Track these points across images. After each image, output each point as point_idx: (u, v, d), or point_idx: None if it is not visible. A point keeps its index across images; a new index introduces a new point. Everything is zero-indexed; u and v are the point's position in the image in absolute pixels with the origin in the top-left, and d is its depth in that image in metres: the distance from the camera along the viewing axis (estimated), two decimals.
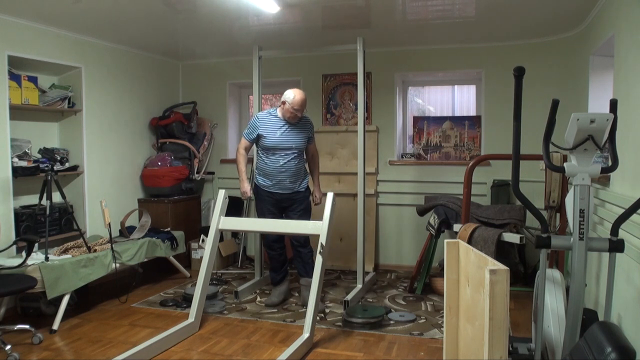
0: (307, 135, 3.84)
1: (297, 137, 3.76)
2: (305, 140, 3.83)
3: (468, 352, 2.21)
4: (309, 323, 3.12)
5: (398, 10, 3.83)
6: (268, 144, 3.71)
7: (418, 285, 4.28)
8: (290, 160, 3.75)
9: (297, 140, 3.76)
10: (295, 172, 3.80)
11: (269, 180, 3.79)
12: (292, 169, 3.77)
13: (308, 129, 3.85)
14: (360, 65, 4.15)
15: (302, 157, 3.87)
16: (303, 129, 3.80)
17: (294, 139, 3.75)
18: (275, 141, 3.71)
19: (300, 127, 3.79)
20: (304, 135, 3.81)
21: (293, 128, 3.75)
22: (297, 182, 3.83)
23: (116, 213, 4.69)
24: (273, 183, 3.79)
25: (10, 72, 3.77)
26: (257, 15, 3.89)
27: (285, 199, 3.84)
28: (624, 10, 2.81)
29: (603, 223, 2.96)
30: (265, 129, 3.72)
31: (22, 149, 3.95)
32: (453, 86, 5.41)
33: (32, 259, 3.39)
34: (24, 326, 3.27)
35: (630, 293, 2.45)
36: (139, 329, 3.48)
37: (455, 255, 2.40)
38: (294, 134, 3.75)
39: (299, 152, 3.80)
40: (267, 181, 3.80)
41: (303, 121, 3.81)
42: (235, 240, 5.43)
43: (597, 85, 3.74)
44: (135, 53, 5.06)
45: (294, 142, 3.75)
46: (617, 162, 2.16)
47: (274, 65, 5.28)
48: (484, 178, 4.78)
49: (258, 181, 3.86)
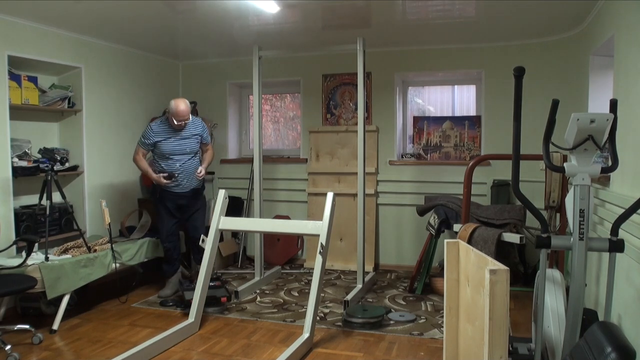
0: (199, 136, 4.12)
1: (188, 141, 4.06)
2: (197, 143, 4.13)
3: (468, 352, 2.21)
4: (309, 323, 3.12)
5: (398, 10, 3.83)
6: (164, 150, 4.01)
7: (418, 285, 4.28)
8: (185, 163, 4.06)
9: (189, 145, 4.07)
10: (192, 173, 4.10)
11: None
12: (188, 170, 4.08)
13: (199, 131, 4.12)
14: (360, 65, 4.15)
15: (196, 158, 4.17)
16: (193, 133, 4.08)
17: (186, 143, 4.06)
18: (169, 148, 4.01)
19: (191, 131, 4.07)
20: (195, 138, 4.10)
21: (182, 134, 4.04)
22: (193, 182, 4.14)
23: (116, 213, 4.70)
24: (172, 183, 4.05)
25: (10, 72, 3.77)
26: (257, 15, 3.89)
27: (183, 197, 4.14)
28: (624, 10, 2.81)
29: (603, 223, 2.96)
30: (159, 137, 4.00)
31: (22, 149, 3.95)
32: (453, 86, 5.41)
33: (32, 259, 3.38)
34: (24, 326, 3.27)
35: (630, 293, 2.45)
36: (139, 329, 3.48)
37: (455, 255, 2.40)
38: (185, 139, 4.05)
39: (193, 154, 4.12)
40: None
41: (193, 125, 4.08)
42: (235, 240, 5.43)
43: (597, 85, 3.74)
44: (135, 53, 5.07)
45: (187, 146, 4.06)
46: (617, 162, 2.16)
47: (274, 65, 5.28)
48: (484, 178, 4.78)
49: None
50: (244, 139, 5.97)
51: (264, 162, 4.77)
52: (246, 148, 5.93)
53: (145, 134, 4.03)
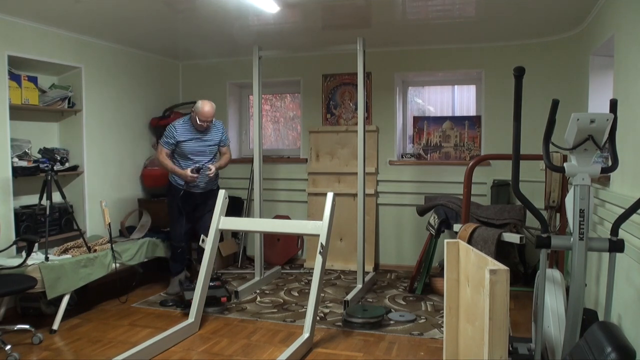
0: (219, 139, 4.23)
1: (209, 143, 4.16)
2: (216, 146, 4.24)
3: (468, 352, 2.21)
4: (309, 323, 3.12)
5: (398, 10, 3.83)
6: (185, 150, 4.06)
7: (418, 285, 4.28)
8: (205, 164, 4.12)
9: (209, 146, 4.17)
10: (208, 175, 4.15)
11: (183, 181, 4.10)
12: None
13: (220, 134, 4.23)
14: (360, 65, 4.15)
15: (214, 160, 4.26)
16: (215, 135, 4.19)
17: (206, 144, 4.15)
18: (190, 148, 4.07)
19: (213, 134, 4.17)
20: (216, 141, 4.21)
21: (204, 135, 4.12)
22: (210, 183, 4.22)
23: (116, 213, 4.70)
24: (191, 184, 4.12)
25: (10, 72, 3.77)
26: (257, 15, 3.89)
27: (198, 196, 4.20)
28: (624, 10, 2.81)
29: (603, 223, 2.96)
30: (182, 137, 4.05)
31: (22, 149, 3.95)
32: (453, 86, 5.41)
33: (32, 259, 3.38)
34: (24, 326, 3.27)
35: (630, 293, 2.45)
36: (139, 329, 3.48)
37: (455, 255, 2.40)
38: (206, 140, 4.14)
39: (212, 156, 4.23)
40: (182, 181, 4.10)
41: (215, 128, 4.18)
42: (235, 240, 5.43)
43: (597, 85, 3.74)
44: (135, 53, 5.06)
45: (207, 147, 4.15)
46: (617, 162, 2.16)
47: (274, 65, 5.28)
48: (484, 178, 4.78)
49: (176, 180, 4.15)
50: (244, 139, 5.96)
51: (264, 162, 4.77)
52: (246, 148, 5.93)
53: (168, 133, 4.04)
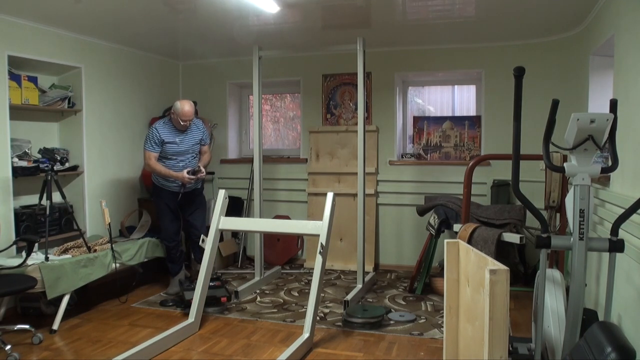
0: (200, 138, 4.21)
1: (191, 142, 4.15)
2: (198, 144, 4.22)
3: (468, 352, 2.21)
4: (309, 323, 3.12)
5: (398, 10, 3.83)
6: (169, 151, 4.06)
7: (418, 285, 4.28)
8: (188, 163, 4.13)
9: (192, 145, 4.16)
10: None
11: (168, 182, 4.11)
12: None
13: (200, 133, 4.21)
14: (360, 65, 4.15)
15: (197, 159, 4.25)
16: (196, 134, 4.18)
17: (189, 144, 4.14)
18: (174, 149, 4.07)
19: (194, 132, 4.16)
20: (197, 140, 4.19)
21: (186, 134, 4.12)
22: (196, 182, 4.19)
23: (116, 213, 4.70)
24: (173, 183, 4.11)
25: (10, 72, 3.77)
26: (257, 15, 3.89)
27: (182, 195, 4.18)
28: (624, 10, 2.81)
29: (603, 223, 2.96)
30: (166, 139, 4.05)
31: (22, 149, 3.95)
32: (453, 86, 5.41)
33: (32, 259, 3.38)
34: (24, 326, 3.27)
35: (630, 293, 2.45)
36: (139, 329, 3.48)
37: (455, 255, 2.40)
38: (188, 139, 4.13)
39: (194, 154, 4.21)
40: (167, 182, 4.12)
41: (195, 126, 4.17)
42: (235, 240, 5.43)
43: (597, 85, 3.74)
44: (135, 53, 5.06)
45: (190, 147, 4.15)
46: (617, 162, 2.16)
47: (274, 65, 5.28)
48: (484, 178, 4.78)
49: (159, 182, 4.15)
50: (244, 139, 5.96)
51: (264, 162, 4.77)
52: (246, 148, 5.93)
53: (152, 136, 4.00)
